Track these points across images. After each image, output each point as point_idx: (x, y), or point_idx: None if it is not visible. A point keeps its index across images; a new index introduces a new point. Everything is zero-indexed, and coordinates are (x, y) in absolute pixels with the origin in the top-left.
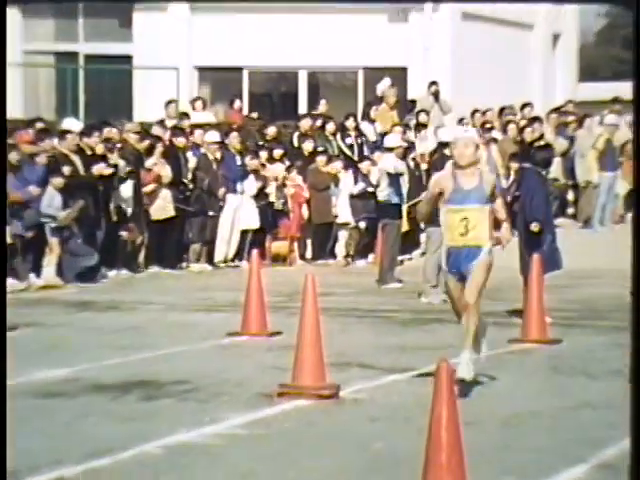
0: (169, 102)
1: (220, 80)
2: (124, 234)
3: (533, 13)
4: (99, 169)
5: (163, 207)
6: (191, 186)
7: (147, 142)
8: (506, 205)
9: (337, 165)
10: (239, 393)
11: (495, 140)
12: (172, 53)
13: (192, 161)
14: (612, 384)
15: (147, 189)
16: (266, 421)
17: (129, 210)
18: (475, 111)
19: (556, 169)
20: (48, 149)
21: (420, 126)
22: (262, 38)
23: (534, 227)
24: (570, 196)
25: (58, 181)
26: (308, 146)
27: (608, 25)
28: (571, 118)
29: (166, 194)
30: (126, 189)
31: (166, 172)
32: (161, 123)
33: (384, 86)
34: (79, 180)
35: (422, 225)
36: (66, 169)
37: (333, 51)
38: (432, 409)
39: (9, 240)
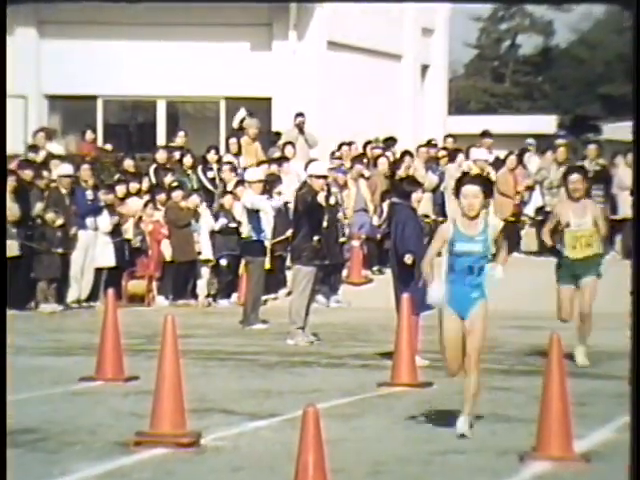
0: (37, 131)
1: (72, 109)
2: None
3: (401, 43)
4: None
5: (9, 245)
6: (39, 222)
7: None
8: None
9: (195, 199)
10: (92, 442)
11: (363, 175)
12: (19, 80)
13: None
14: (481, 428)
15: None
16: (122, 471)
17: None
18: (342, 144)
19: (426, 205)
20: None
21: (285, 159)
22: (117, 65)
23: (407, 259)
24: None
25: None
26: (167, 180)
27: (477, 57)
28: (442, 153)
29: (12, 232)
30: None
31: (13, 210)
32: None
33: (240, 116)
34: None
35: (288, 263)
36: None
37: (193, 80)
38: (298, 456)
39: None
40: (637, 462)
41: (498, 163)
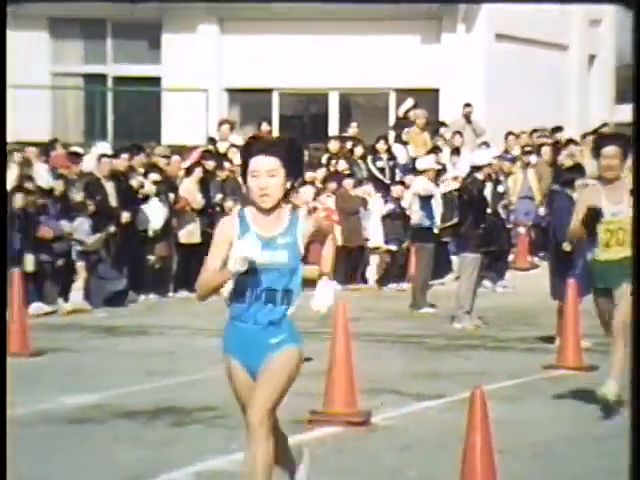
0: (222, 123)
1: (250, 102)
2: (152, 258)
3: (568, 33)
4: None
5: (191, 232)
6: (218, 210)
7: (183, 166)
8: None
9: (367, 188)
10: None
11: (530, 163)
12: (201, 74)
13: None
14: None
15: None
16: (296, 448)
17: (158, 233)
18: (509, 134)
19: None
20: (81, 174)
21: (455, 149)
22: (292, 59)
23: (566, 246)
24: None
25: (90, 209)
26: (340, 167)
27: None
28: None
29: (196, 219)
30: (156, 213)
31: (198, 199)
32: (213, 143)
33: (407, 106)
34: (108, 206)
35: (453, 249)
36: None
37: (364, 72)
38: (466, 436)
39: (34, 268)
40: (637, 462)
41: None
